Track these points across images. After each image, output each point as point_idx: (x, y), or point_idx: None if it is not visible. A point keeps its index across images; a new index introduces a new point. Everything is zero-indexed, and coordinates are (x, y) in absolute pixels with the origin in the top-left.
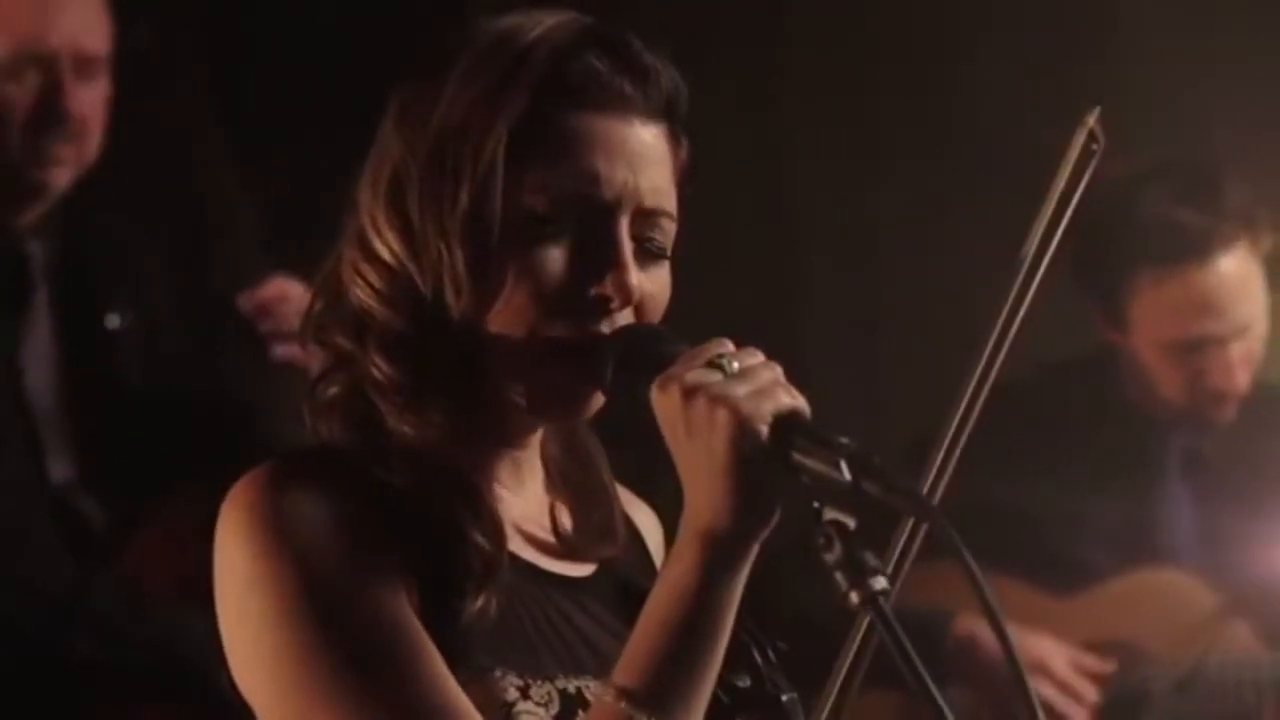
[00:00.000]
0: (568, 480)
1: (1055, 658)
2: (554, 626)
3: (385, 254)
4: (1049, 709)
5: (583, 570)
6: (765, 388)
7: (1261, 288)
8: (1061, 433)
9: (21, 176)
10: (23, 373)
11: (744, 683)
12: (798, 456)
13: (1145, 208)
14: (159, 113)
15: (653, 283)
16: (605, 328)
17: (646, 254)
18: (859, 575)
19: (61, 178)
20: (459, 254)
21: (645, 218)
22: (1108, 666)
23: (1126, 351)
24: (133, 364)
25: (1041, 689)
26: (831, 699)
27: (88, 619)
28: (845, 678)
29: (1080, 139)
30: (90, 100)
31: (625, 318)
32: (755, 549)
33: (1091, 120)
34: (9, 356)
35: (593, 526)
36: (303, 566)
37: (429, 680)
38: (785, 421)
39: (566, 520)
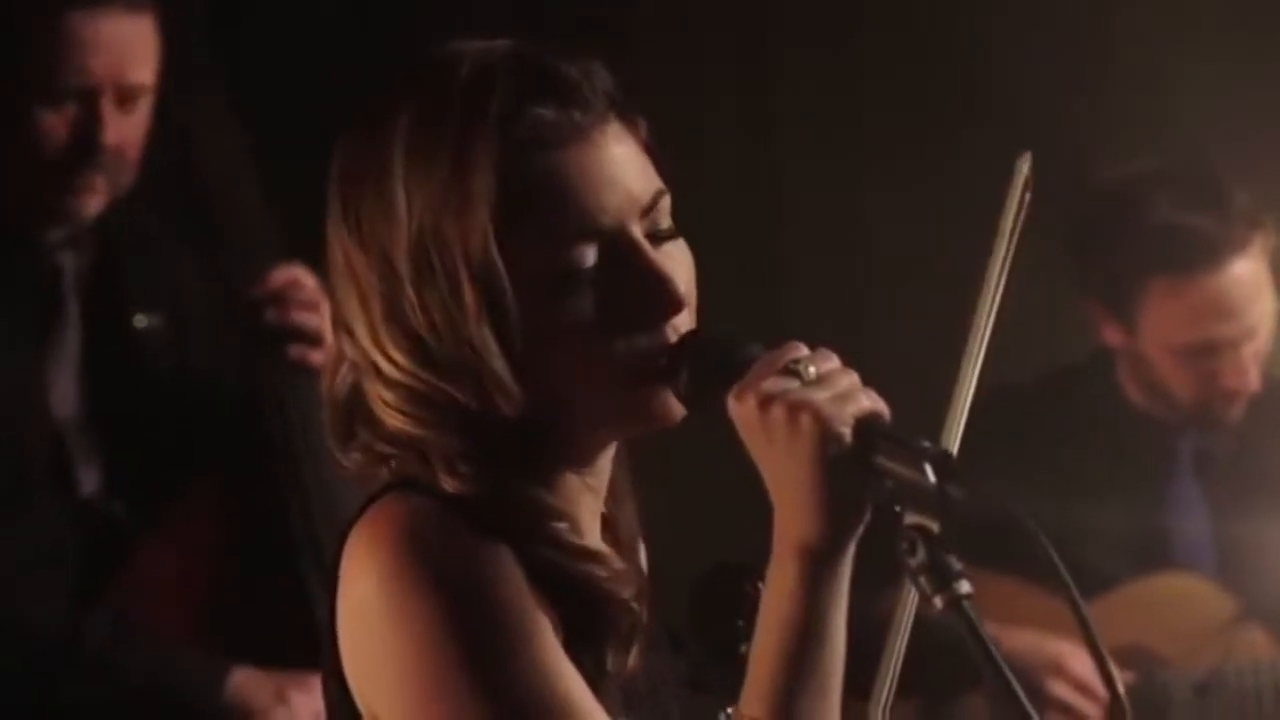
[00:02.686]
0: (613, 517)
1: (1072, 658)
2: (648, 683)
3: (408, 380)
4: (1067, 709)
5: None
6: (845, 392)
7: (1270, 287)
8: (1068, 439)
9: (51, 203)
10: (50, 387)
11: None
12: (882, 460)
13: (1154, 213)
14: (177, 105)
15: (680, 270)
16: (671, 335)
17: (660, 242)
18: (944, 580)
19: (93, 205)
20: (491, 355)
21: (648, 212)
22: (1125, 675)
23: (1130, 354)
24: (161, 364)
25: (1058, 689)
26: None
27: (80, 657)
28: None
29: (1017, 188)
30: (129, 130)
31: (685, 318)
32: (851, 549)
33: (1025, 168)
34: (39, 372)
35: (635, 568)
36: (464, 609)
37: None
38: (868, 425)
39: None
